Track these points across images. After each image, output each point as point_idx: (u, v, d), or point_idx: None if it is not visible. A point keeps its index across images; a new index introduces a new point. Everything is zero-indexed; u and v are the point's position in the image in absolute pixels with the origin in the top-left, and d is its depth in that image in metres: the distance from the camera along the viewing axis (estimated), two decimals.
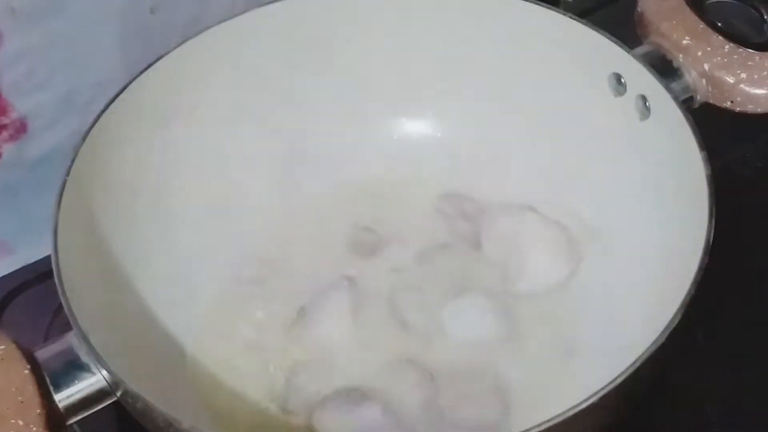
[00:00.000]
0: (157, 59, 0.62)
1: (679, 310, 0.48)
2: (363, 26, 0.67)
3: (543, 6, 0.63)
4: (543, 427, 0.45)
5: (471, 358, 0.59)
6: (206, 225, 0.65)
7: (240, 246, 0.66)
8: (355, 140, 0.69)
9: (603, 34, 0.61)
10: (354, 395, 0.58)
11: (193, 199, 0.65)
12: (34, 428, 0.49)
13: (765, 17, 0.63)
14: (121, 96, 0.60)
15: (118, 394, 0.51)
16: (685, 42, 0.62)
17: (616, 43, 0.61)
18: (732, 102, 0.61)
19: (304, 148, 0.68)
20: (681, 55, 0.61)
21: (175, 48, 0.62)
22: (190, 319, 0.62)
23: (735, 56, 0.61)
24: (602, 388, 0.46)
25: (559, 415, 0.45)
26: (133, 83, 0.60)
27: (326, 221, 0.67)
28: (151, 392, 0.50)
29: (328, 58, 0.67)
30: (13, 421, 0.49)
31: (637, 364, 0.47)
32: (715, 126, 0.58)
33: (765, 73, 0.60)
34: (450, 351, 0.60)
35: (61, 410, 0.51)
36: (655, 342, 0.47)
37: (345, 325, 0.61)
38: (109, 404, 0.52)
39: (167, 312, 0.61)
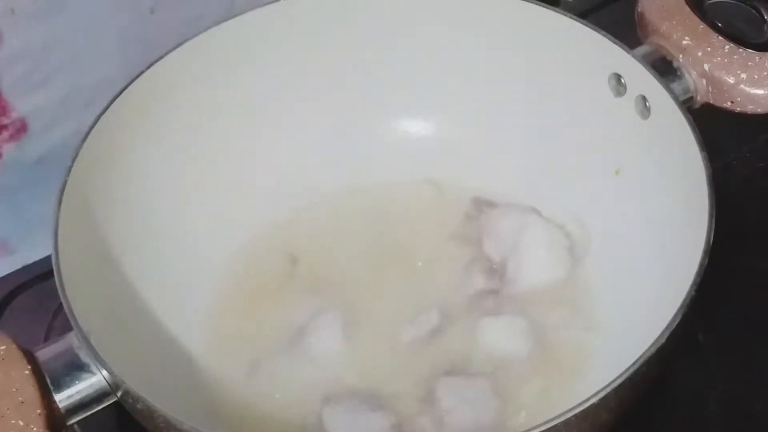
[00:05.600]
0: (157, 59, 0.62)
1: (679, 310, 0.48)
2: (363, 26, 0.67)
3: (543, 6, 0.63)
4: (543, 428, 0.45)
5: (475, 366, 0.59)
6: (207, 226, 0.65)
7: (242, 249, 0.66)
8: (356, 141, 0.69)
9: (603, 35, 0.61)
10: (371, 401, 0.58)
11: (194, 199, 0.65)
12: (35, 428, 0.48)
13: (765, 17, 0.63)
14: (121, 96, 0.60)
15: (119, 394, 0.51)
16: (685, 42, 0.62)
17: (616, 43, 0.61)
18: (732, 102, 0.61)
19: (304, 149, 0.68)
20: (681, 56, 0.61)
21: (175, 48, 0.62)
22: (191, 320, 0.62)
23: (735, 56, 0.61)
24: (602, 389, 0.46)
25: (559, 415, 0.46)
26: (133, 83, 0.60)
27: (331, 225, 0.67)
28: (152, 393, 0.50)
29: (328, 58, 0.67)
30: (13, 421, 0.48)
31: (637, 365, 0.47)
32: (715, 126, 0.58)
33: (765, 73, 0.60)
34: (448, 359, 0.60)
35: (62, 411, 0.51)
36: (655, 342, 0.47)
37: (338, 340, 0.61)
38: (110, 405, 0.52)
39: (168, 312, 0.61)
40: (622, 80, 0.61)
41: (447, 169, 0.68)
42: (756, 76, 0.60)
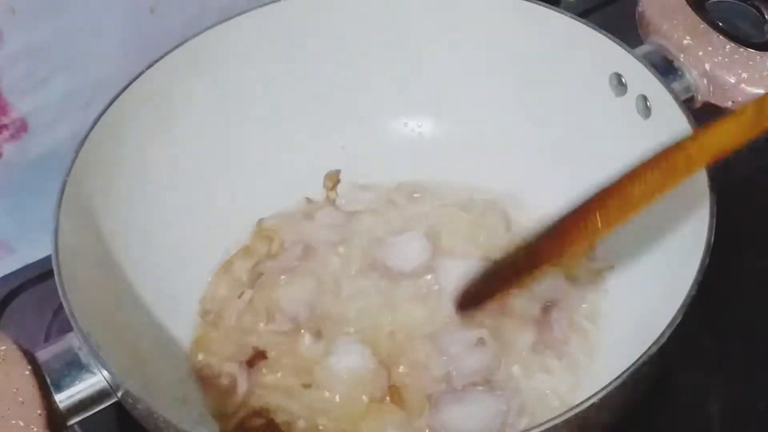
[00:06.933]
0: (157, 59, 0.62)
1: (680, 310, 0.48)
2: (363, 26, 0.67)
3: (544, 6, 0.63)
4: (544, 427, 0.45)
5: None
6: (207, 226, 0.65)
7: (242, 249, 0.65)
8: (355, 141, 0.69)
9: (604, 34, 0.61)
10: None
11: (194, 199, 0.65)
12: (35, 429, 0.48)
13: (766, 17, 0.63)
14: (121, 96, 0.60)
15: (119, 394, 0.51)
16: (686, 42, 0.62)
17: (616, 43, 0.61)
18: (733, 102, 0.61)
19: (303, 149, 0.68)
20: (682, 55, 0.61)
21: (175, 48, 0.62)
22: (191, 320, 0.62)
23: (736, 56, 0.61)
24: (603, 388, 0.46)
25: (559, 415, 0.46)
26: (133, 83, 0.61)
27: (329, 226, 0.67)
28: (152, 393, 0.50)
29: (327, 58, 0.67)
30: (13, 421, 0.48)
31: (638, 363, 0.47)
32: None
33: (766, 72, 0.60)
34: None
35: (62, 411, 0.51)
36: (656, 342, 0.47)
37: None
38: (110, 405, 0.52)
39: (168, 312, 0.61)
40: (623, 80, 0.61)
41: (447, 170, 0.68)
42: (757, 76, 0.61)
